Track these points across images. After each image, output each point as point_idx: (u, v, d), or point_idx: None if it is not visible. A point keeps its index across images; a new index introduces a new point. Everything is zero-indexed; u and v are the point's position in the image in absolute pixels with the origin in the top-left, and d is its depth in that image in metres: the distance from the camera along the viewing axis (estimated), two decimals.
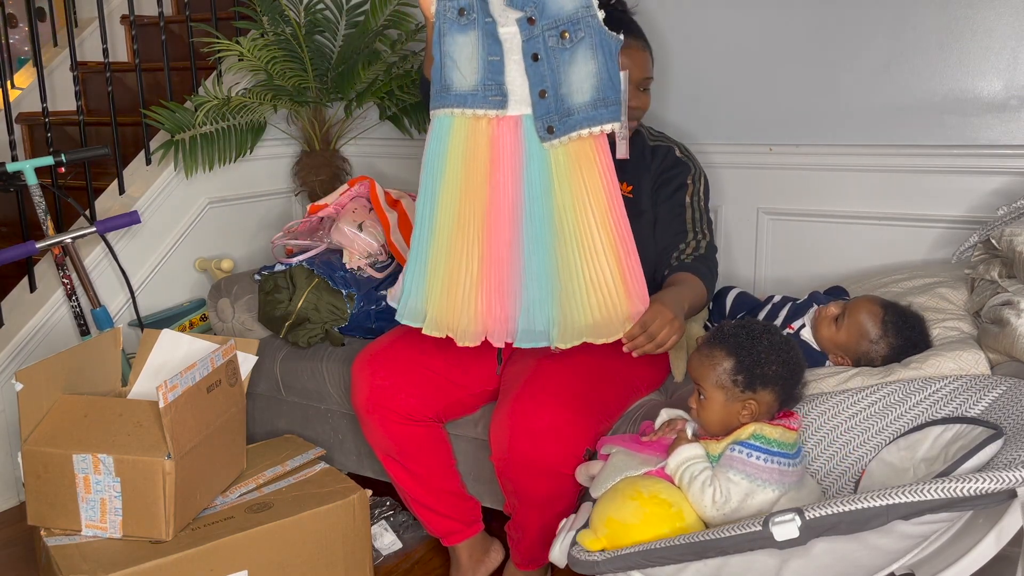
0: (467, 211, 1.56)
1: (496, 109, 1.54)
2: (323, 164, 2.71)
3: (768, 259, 2.30)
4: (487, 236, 1.56)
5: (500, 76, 1.52)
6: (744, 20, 2.21)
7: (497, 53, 1.52)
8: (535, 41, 1.50)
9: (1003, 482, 1.05)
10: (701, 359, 1.43)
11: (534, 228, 1.55)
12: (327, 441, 2.18)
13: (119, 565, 1.47)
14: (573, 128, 1.51)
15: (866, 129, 2.12)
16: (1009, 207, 1.75)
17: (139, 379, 1.78)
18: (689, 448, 1.39)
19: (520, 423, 1.61)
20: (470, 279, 1.57)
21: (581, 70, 1.50)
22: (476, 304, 1.57)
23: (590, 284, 1.53)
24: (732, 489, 1.32)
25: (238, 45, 2.39)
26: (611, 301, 1.53)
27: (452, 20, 1.52)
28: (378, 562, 2.02)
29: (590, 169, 1.52)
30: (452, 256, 1.58)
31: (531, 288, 1.56)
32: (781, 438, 1.36)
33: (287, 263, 2.22)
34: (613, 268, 1.53)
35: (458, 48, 1.53)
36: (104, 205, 2.56)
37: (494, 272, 1.57)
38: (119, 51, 3.57)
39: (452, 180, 1.57)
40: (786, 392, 1.41)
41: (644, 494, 1.33)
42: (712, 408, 1.40)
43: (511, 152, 1.55)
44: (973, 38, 1.97)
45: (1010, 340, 1.48)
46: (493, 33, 1.51)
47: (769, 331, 1.44)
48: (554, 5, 1.48)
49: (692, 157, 1.90)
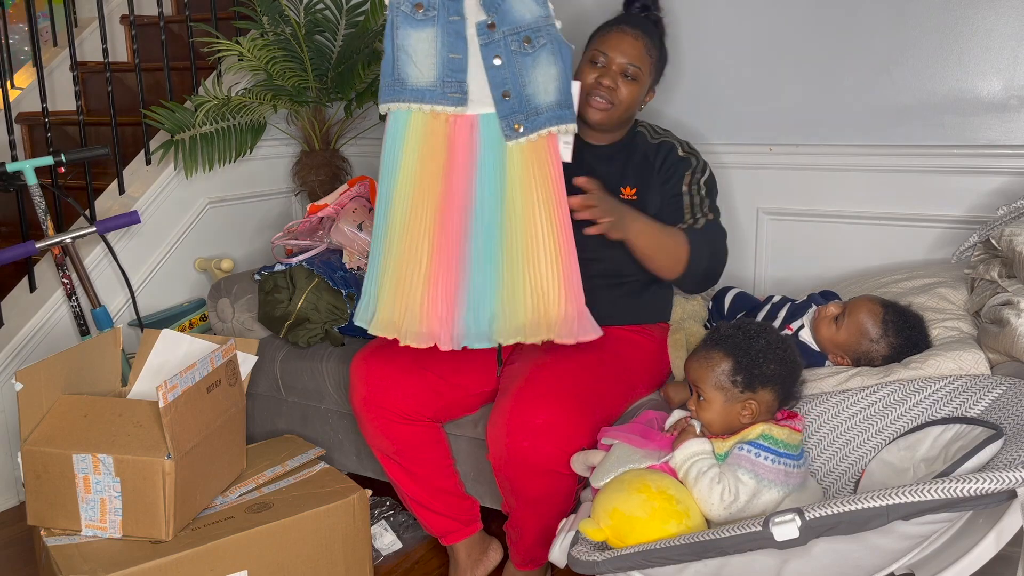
0: (419, 209, 1.59)
1: (455, 106, 1.58)
2: (323, 164, 2.71)
3: (768, 259, 2.30)
4: (437, 235, 1.58)
5: (462, 74, 1.57)
6: (744, 20, 2.21)
7: (460, 51, 1.56)
8: (495, 45, 1.56)
9: (1003, 482, 1.05)
10: (699, 361, 1.43)
11: (484, 224, 1.58)
12: (327, 441, 2.18)
13: (119, 565, 1.47)
14: (542, 126, 1.58)
15: (866, 129, 2.12)
16: (1009, 207, 1.75)
17: (139, 379, 1.78)
18: (697, 443, 1.39)
19: (518, 422, 1.61)
20: (419, 278, 1.58)
21: (546, 72, 1.58)
22: (422, 304, 1.58)
23: (529, 284, 1.57)
24: (741, 488, 1.32)
25: (238, 45, 2.39)
26: (546, 301, 1.57)
27: (407, 14, 1.55)
28: (378, 562, 2.02)
29: (543, 170, 1.58)
30: (402, 255, 1.59)
31: (477, 285, 1.59)
32: (788, 439, 1.36)
33: (287, 263, 2.22)
34: (555, 270, 1.57)
35: (413, 43, 1.55)
36: (104, 205, 2.56)
37: (442, 271, 1.58)
38: (119, 51, 3.57)
39: (406, 178, 1.59)
40: (785, 391, 1.42)
41: (652, 488, 1.32)
42: (712, 409, 1.40)
43: (465, 151, 1.59)
44: (973, 38, 1.97)
45: (1010, 340, 1.48)
46: (460, 32, 1.56)
47: (765, 331, 1.44)
48: (515, 13, 1.57)
49: (695, 153, 1.89)
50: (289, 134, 2.81)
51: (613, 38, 1.79)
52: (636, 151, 1.88)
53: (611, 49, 1.78)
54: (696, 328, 1.93)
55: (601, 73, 1.78)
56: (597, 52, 1.79)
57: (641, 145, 1.89)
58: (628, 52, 1.78)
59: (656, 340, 1.90)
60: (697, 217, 1.81)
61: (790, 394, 1.43)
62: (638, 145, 1.89)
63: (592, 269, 1.71)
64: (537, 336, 1.57)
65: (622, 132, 1.91)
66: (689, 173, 1.84)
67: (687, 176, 1.84)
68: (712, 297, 2.06)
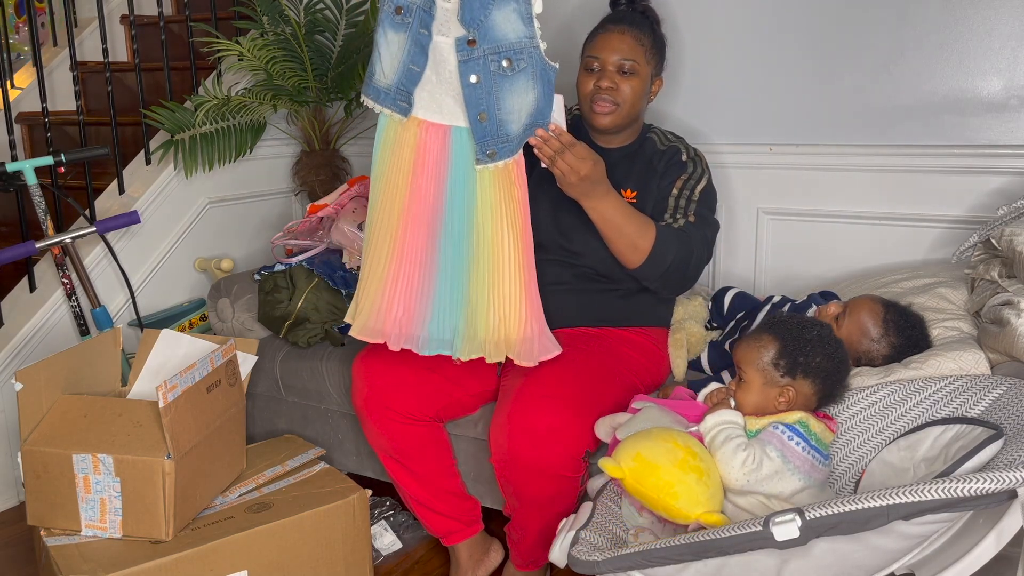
0: (387, 208, 1.63)
1: (400, 114, 1.60)
2: (323, 164, 2.71)
3: (768, 259, 2.30)
4: (400, 236, 1.61)
5: (412, 86, 1.57)
6: (745, 20, 2.21)
7: (420, 65, 1.55)
8: (474, 63, 1.52)
9: (1004, 483, 1.05)
10: (748, 343, 1.45)
11: (452, 239, 1.61)
12: (327, 441, 2.18)
13: (119, 565, 1.47)
14: (511, 154, 1.57)
15: (866, 129, 2.12)
16: (1009, 207, 1.75)
17: (139, 379, 1.78)
18: (729, 412, 1.41)
19: (519, 424, 1.61)
20: (379, 275, 1.64)
21: (520, 99, 1.54)
22: (379, 301, 1.64)
23: (493, 303, 1.59)
24: (766, 461, 1.33)
25: (238, 45, 2.39)
26: (508, 323, 1.59)
27: (389, 13, 1.55)
28: (378, 562, 2.02)
29: (510, 192, 1.58)
30: (370, 249, 1.66)
31: (443, 296, 1.62)
32: (822, 435, 1.38)
33: (287, 263, 2.22)
34: (518, 293, 1.59)
35: (386, 43, 1.57)
36: (104, 205, 2.56)
37: (403, 274, 1.62)
38: (119, 51, 3.57)
39: (380, 176, 1.64)
40: (826, 387, 1.42)
41: (679, 441, 1.33)
42: (750, 390, 1.42)
43: (435, 160, 1.60)
44: (973, 38, 1.97)
45: (1010, 340, 1.48)
46: (423, 45, 1.54)
47: (820, 326, 1.46)
48: (498, 32, 1.51)
49: (699, 160, 1.88)
50: (289, 134, 2.81)
51: (600, 40, 1.80)
52: (643, 156, 1.88)
53: (602, 51, 1.78)
54: (697, 328, 1.93)
55: (598, 77, 1.78)
56: (590, 59, 1.79)
57: (649, 151, 1.89)
58: (618, 48, 1.77)
59: (656, 340, 1.90)
60: (677, 218, 1.78)
61: (831, 393, 1.44)
62: (646, 151, 1.89)
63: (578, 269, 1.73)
64: (498, 355, 1.61)
65: (632, 135, 1.90)
66: (684, 176, 1.82)
67: (681, 179, 1.82)
68: (712, 297, 2.06)
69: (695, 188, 1.82)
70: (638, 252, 1.70)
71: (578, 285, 1.82)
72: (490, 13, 1.49)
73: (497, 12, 1.49)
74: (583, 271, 1.82)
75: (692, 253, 1.74)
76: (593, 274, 1.82)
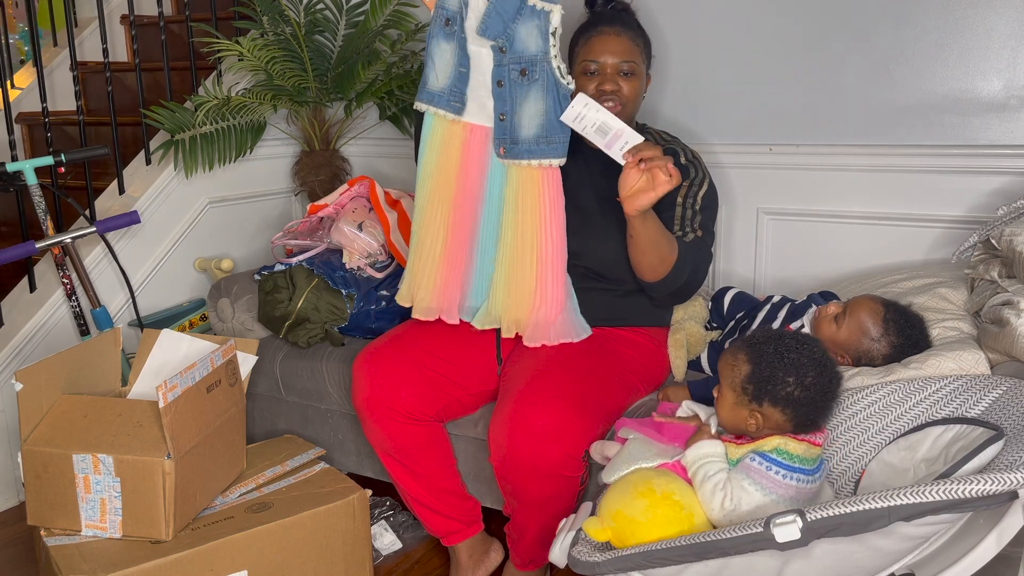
0: (437, 201, 1.76)
1: (454, 113, 1.73)
2: (323, 164, 2.71)
3: (768, 259, 2.30)
4: (452, 224, 1.77)
5: (464, 86, 1.71)
6: (744, 20, 2.21)
7: (466, 66, 1.71)
8: (502, 69, 1.68)
9: (1005, 484, 1.05)
10: (726, 357, 1.41)
11: (488, 224, 1.77)
12: (327, 441, 2.18)
13: (119, 565, 1.47)
14: (519, 156, 1.69)
15: (866, 129, 2.12)
16: (1009, 207, 1.75)
17: (139, 379, 1.78)
18: (709, 444, 1.37)
19: (519, 425, 1.61)
20: (434, 258, 1.79)
21: (532, 108, 1.67)
22: (435, 283, 1.79)
23: (508, 285, 1.73)
24: (743, 498, 1.30)
25: (238, 45, 2.39)
26: (520, 306, 1.72)
27: (440, 26, 1.72)
28: (378, 562, 2.02)
29: (532, 194, 1.69)
30: (422, 239, 1.79)
31: (478, 272, 1.79)
32: (804, 454, 1.33)
33: (287, 263, 2.22)
34: (532, 278, 1.71)
35: (439, 52, 1.72)
36: (104, 205, 2.56)
37: (454, 255, 1.78)
38: (119, 51, 3.57)
39: (427, 171, 1.77)
40: (799, 417, 1.34)
41: (657, 493, 1.31)
42: (723, 405, 1.40)
43: (477, 158, 1.74)
44: (973, 38, 1.97)
45: (1010, 340, 1.48)
46: (464, 47, 1.69)
47: (804, 347, 1.36)
48: (520, 42, 1.66)
49: (698, 163, 1.87)
50: (289, 134, 2.81)
51: (596, 43, 1.78)
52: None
53: (599, 54, 1.77)
54: (697, 329, 1.93)
55: (599, 80, 1.77)
56: (587, 62, 1.78)
57: None
58: (617, 51, 1.77)
59: (656, 341, 1.90)
60: (686, 231, 1.77)
61: (809, 422, 1.35)
62: None
63: (577, 269, 1.76)
64: (509, 332, 1.74)
65: None
66: (686, 184, 1.81)
67: (684, 186, 1.80)
68: (712, 297, 2.06)
69: (697, 195, 1.81)
70: (664, 265, 1.70)
71: (577, 285, 1.81)
72: (515, 26, 1.64)
73: (522, 26, 1.64)
74: (582, 271, 1.82)
75: (699, 269, 1.76)
76: (592, 274, 1.82)
